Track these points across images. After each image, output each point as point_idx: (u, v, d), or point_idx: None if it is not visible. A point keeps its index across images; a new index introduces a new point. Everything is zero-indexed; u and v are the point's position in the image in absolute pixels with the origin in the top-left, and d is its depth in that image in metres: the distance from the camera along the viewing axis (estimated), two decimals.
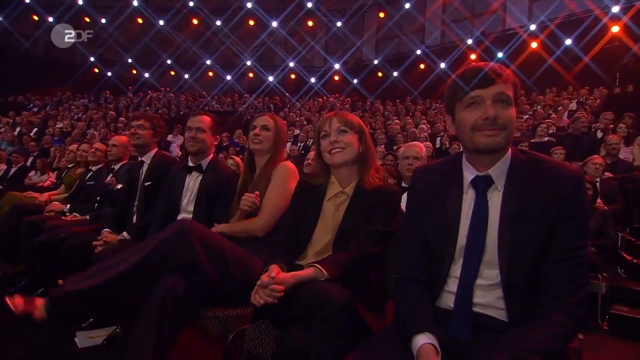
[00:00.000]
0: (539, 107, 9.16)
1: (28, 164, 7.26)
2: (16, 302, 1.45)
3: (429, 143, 6.46)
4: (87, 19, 15.82)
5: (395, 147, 7.02)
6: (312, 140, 9.77)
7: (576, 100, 9.73)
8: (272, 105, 14.75)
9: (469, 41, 13.71)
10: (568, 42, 11.34)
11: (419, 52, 15.23)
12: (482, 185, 1.15)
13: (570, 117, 7.65)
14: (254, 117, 2.05)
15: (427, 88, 12.63)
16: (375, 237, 1.47)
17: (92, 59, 17.24)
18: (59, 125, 11.15)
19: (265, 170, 1.96)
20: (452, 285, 1.15)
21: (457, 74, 1.15)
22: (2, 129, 9.90)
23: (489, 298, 1.11)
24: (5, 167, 6.73)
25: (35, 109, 13.86)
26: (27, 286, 2.85)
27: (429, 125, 8.82)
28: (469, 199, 1.17)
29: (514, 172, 1.13)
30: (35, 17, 15.66)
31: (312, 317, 1.20)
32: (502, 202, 1.12)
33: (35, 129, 10.82)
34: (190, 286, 1.52)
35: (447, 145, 6.98)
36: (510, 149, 1.16)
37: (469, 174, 1.18)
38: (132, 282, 1.50)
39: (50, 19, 15.09)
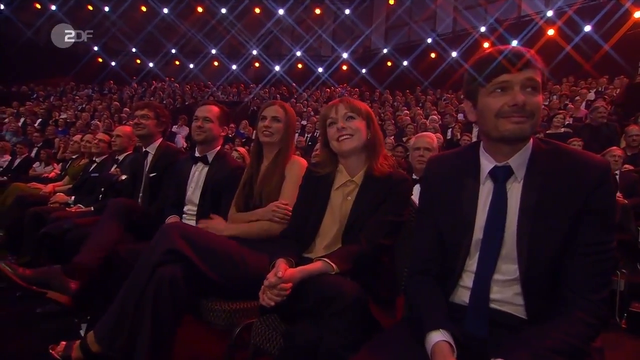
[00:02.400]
0: (554, 97, 9.01)
1: (32, 155, 7.34)
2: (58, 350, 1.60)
3: (440, 134, 6.40)
4: (90, 7, 15.84)
5: (405, 139, 6.97)
6: (318, 131, 9.72)
7: (595, 90, 9.56)
8: (278, 95, 14.70)
9: (482, 29, 13.50)
10: (587, 28, 11.09)
11: (429, 40, 15.03)
12: (501, 176, 1.12)
13: (588, 107, 7.52)
14: (263, 107, 2.02)
15: (438, 78, 12.49)
16: (387, 227, 1.45)
17: (95, 48, 17.29)
18: (63, 115, 11.25)
19: (275, 163, 1.93)
20: (468, 280, 1.13)
21: (481, 57, 1.11)
22: (6, 120, 10.00)
23: (506, 294, 1.09)
24: (10, 158, 6.80)
25: (39, 99, 13.98)
26: None
27: (439, 117, 8.73)
28: (486, 190, 1.14)
29: (535, 162, 1.10)
30: (38, 6, 15.73)
31: (322, 311, 1.19)
32: (522, 194, 1.09)
33: (39, 120, 10.92)
34: (186, 273, 1.53)
35: (458, 137, 6.91)
36: (531, 138, 1.13)
37: (487, 164, 1.15)
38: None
39: (53, 7, 15.14)
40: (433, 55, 14.69)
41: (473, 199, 1.14)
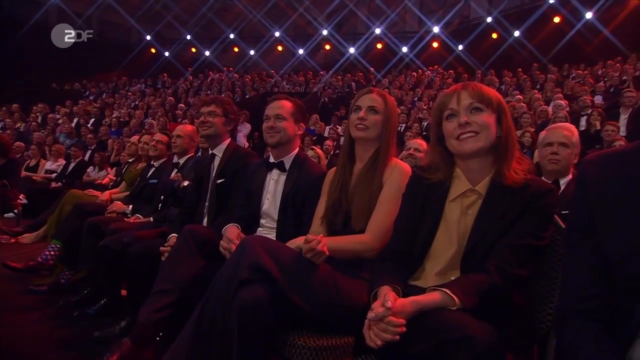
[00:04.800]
0: None
1: (86, 158, 8.10)
2: None
3: (572, 125, 5.96)
4: None
5: (518, 132, 6.58)
6: (403, 126, 9.57)
7: None
8: (353, 83, 14.80)
9: None
10: None
11: (552, 0, 13.93)
12: None
13: None
14: (357, 95, 2.01)
15: (564, 50, 11.67)
16: (523, 253, 1.35)
17: (148, 37, 18.74)
18: (116, 114, 12.31)
19: (372, 167, 1.91)
20: None
21: None
22: (60, 121, 11.17)
23: None
24: (64, 162, 7.56)
25: (91, 97, 15.46)
26: (89, 295, 3.16)
27: (566, 102, 8.15)
28: None
29: None
30: None
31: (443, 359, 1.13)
32: None
33: (93, 120, 12.07)
34: (270, 296, 1.52)
35: (598, 127, 6.37)
36: None
37: None
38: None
39: None
40: (557, 19, 13.65)
41: None
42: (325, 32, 18.31)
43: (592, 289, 1.08)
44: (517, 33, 14.23)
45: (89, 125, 11.15)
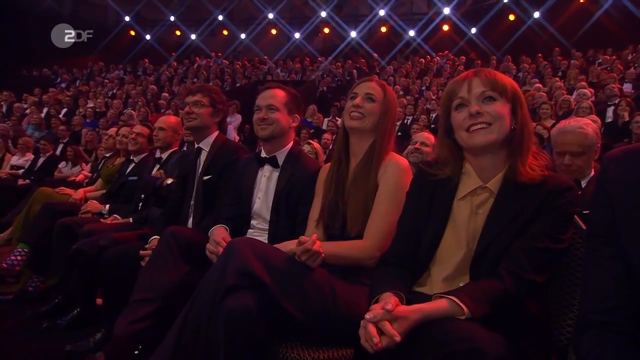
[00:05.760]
0: None
1: (57, 152, 8.06)
2: None
3: (595, 116, 5.96)
4: None
5: (536, 125, 6.58)
6: (410, 118, 9.59)
7: None
8: (354, 70, 14.80)
9: None
10: None
11: None
12: None
13: None
14: (354, 84, 2.03)
15: (589, 33, 11.66)
16: (540, 258, 1.36)
17: (127, 18, 18.68)
18: (91, 104, 12.28)
19: (367, 163, 1.92)
20: None
21: None
22: (27, 110, 11.13)
23: None
24: (33, 157, 7.52)
25: (63, 85, 15.41)
26: (60, 305, 3.15)
27: (592, 90, 8.16)
28: None
29: None
30: None
31: None
32: None
33: (65, 110, 12.03)
34: (260, 304, 1.53)
35: (627, 118, 6.37)
36: None
37: None
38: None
39: None
40: None
41: None
42: (323, 14, 18.29)
43: (614, 299, 1.09)
44: (536, 14, 14.26)
45: (60, 116, 11.11)
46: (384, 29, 17.85)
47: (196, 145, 2.79)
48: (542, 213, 1.40)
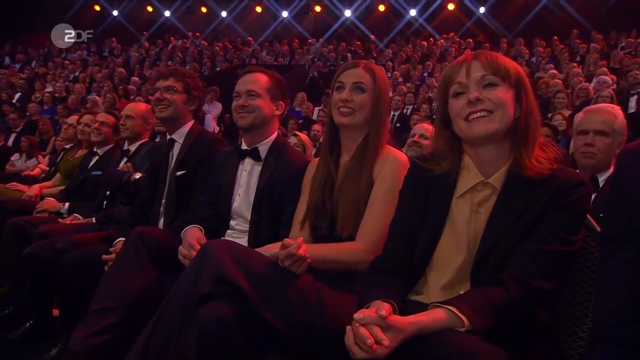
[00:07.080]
0: None
1: (10, 143, 8.01)
2: None
3: (617, 106, 6.00)
4: None
5: (549, 115, 6.62)
6: (410, 107, 9.62)
7: None
8: (349, 54, 14.81)
9: None
10: None
11: None
12: None
13: None
14: (339, 70, 2.03)
15: (611, 13, 11.73)
16: (549, 262, 1.37)
17: None
18: (49, 88, 12.18)
19: (360, 159, 1.93)
20: None
21: None
22: None
23: None
24: None
25: (16, 66, 15.24)
26: (11, 316, 3.14)
27: (613, 77, 8.22)
28: None
29: None
30: None
31: None
32: None
33: (18, 95, 11.91)
34: (237, 314, 1.53)
35: None
36: None
37: None
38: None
39: None
40: None
41: None
42: None
43: (629, 311, 1.10)
44: None
45: (13, 102, 11.01)
46: (382, 8, 17.87)
47: (168, 137, 2.79)
48: (550, 211, 1.40)
